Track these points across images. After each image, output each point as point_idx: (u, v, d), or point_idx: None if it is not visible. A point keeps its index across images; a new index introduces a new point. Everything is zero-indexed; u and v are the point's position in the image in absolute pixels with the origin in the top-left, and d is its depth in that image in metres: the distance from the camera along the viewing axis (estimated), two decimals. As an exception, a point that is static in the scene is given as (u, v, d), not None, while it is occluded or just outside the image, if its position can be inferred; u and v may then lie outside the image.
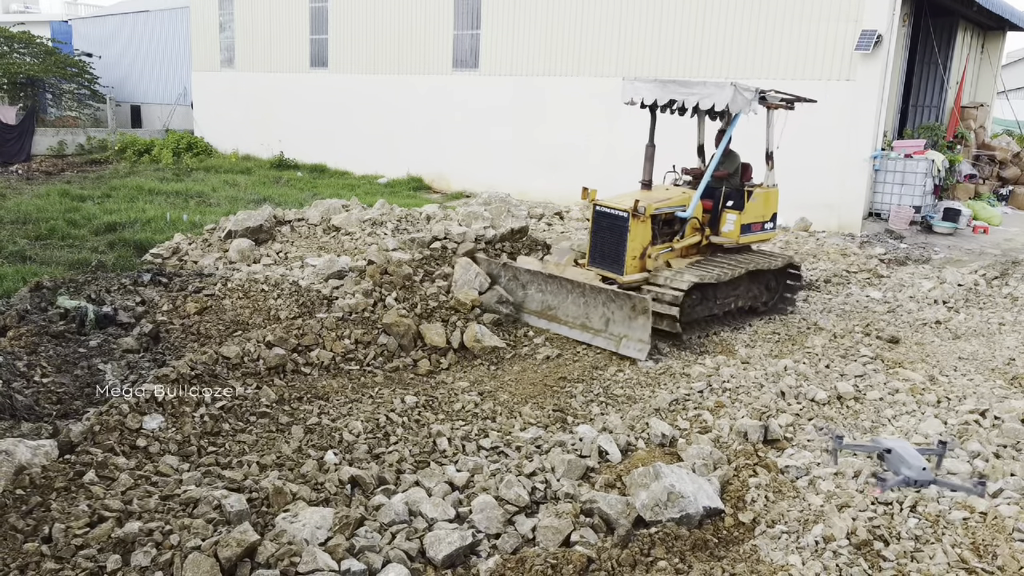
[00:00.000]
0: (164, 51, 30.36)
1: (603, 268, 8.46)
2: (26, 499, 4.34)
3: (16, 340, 7.10)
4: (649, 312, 7.32)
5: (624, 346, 7.48)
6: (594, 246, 8.56)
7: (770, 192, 9.14)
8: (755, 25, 14.35)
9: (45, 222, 12.53)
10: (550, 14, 17.06)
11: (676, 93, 8.52)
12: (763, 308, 9.13)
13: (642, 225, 8.21)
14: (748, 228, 8.91)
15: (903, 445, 4.32)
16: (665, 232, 8.64)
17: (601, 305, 7.74)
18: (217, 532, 4.05)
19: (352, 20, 21.17)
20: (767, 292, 9.16)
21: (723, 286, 8.43)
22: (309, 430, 5.66)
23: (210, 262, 10.37)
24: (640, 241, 8.25)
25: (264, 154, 23.49)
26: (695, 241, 8.84)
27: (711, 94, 8.26)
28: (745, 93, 8.21)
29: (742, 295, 8.79)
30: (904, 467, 4.16)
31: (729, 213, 8.91)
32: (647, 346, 7.36)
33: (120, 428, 5.24)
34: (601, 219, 8.49)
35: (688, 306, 8.09)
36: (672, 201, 8.55)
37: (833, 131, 13.74)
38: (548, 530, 4.38)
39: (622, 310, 7.54)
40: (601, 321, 7.73)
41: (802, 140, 13.95)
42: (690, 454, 5.30)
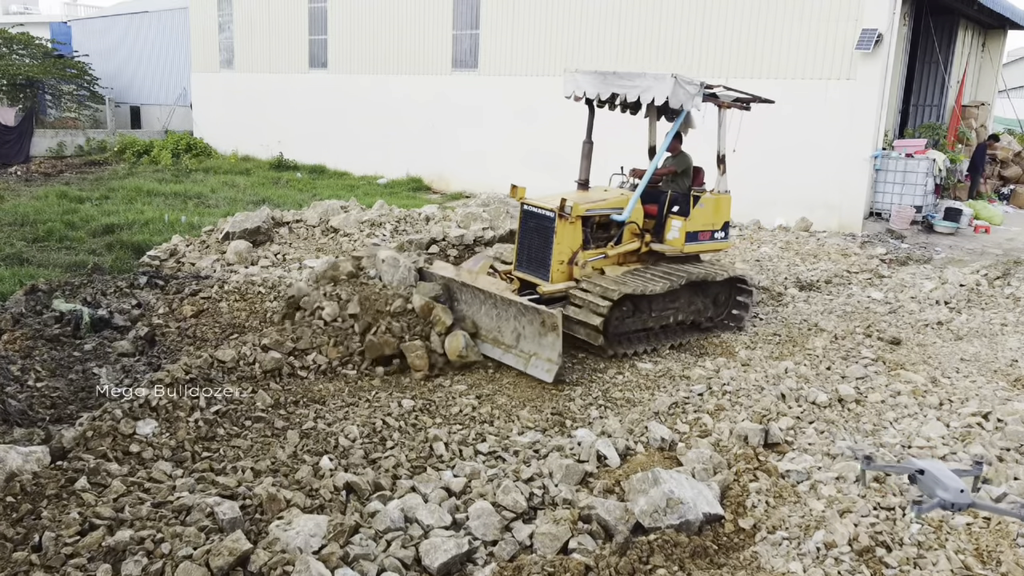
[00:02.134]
0: (163, 52, 30.33)
1: (529, 273, 7.84)
2: (16, 507, 4.29)
3: (10, 344, 7.04)
4: (559, 329, 6.62)
5: (532, 365, 6.80)
6: (521, 249, 7.95)
7: (721, 199, 8.48)
8: (755, 25, 14.29)
9: (43, 224, 12.49)
10: (549, 14, 17.00)
11: (617, 86, 7.98)
12: (708, 324, 8.41)
13: (570, 227, 7.59)
14: (695, 236, 8.26)
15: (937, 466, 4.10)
16: (600, 237, 8.03)
17: (512, 319, 7.05)
18: (209, 540, 3.99)
19: (351, 20, 21.11)
20: (713, 307, 8.43)
21: (658, 298, 7.70)
22: (305, 435, 5.60)
23: (208, 264, 10.32)
24: (568, 245, 7.63)
25: (263, 155, 23.44)
26: (634, 248, 8.18)
27: (651, 87, 7.71)
28: (688, 87, 7.63)
29: (682, 309, 8.04)
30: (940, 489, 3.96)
31: (674, 219, 8.27)
32: (555, 367, 6.64)
33: (113, 433, 5.18)
34: (528, 220, 7.86)
35: (617, 319, 7.49)
36: (607, 203, 7.95)
37: (834, 130, 13.69)
38: (546, 537, 4.32)
39: (532, 325, 6.85)
40: (512, 336, 7.04)
41: (802, 139, 13.92)
42: (690, 458, 5.24)
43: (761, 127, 14.20)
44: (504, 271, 8.17)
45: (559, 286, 7.58)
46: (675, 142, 8.50)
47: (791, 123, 14.02)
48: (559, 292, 7.58)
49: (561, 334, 6.65)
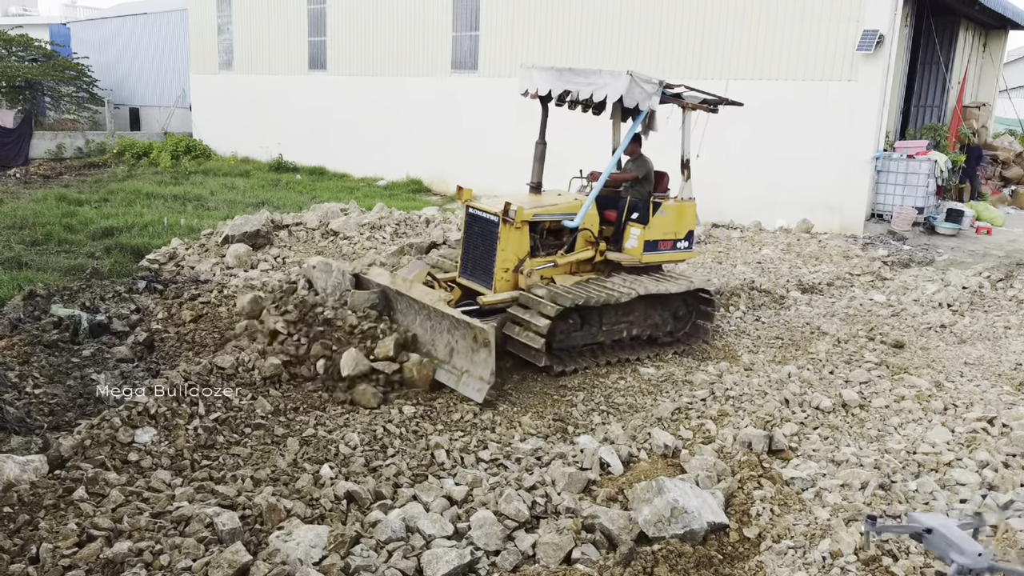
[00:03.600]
0: (162, 53, 30.28)
1: (473, 281, 7.44)
2: (14, 517, 4.24)
3: (8, 349, 6.99)
4: (491, 345, 6.12)
5: (464, 383, 6.34)
6: (465, 255, 7.57)
7: (685, 206, 8.02)
8: (756, 27, 14.24)
9: (41, 227, 12.44)
10: (549, 15, 16.95)
11: (572, 83, 7.64)
12: (667, 339, 7.90)
13: (516, 233, 7.16)
14: (655, 246, 7.83)
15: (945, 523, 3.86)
16: (551, 244, 7.64)
17: (445, 332, 6.58)
18: (209, 552, 3.95)
19: (351, 22, 21.07)
20: (674, 321, 7.92)
21: (610, 311, 7.28)
22: (305, 442, 5.56)
23: (207, 268, 10.27)
24: (514, 252, 7.21)
25: (263, 157, 23.39)
26: (587, 257, 7.74)
27: (606, 84, 7.34)
28: (645, 85, 7.26)
29: (637, 323, 7.57)
30: (954, 552, 3.74)
31: (633, 227, 7.85)
32: (486, 386, 6.17)
33: (112, 442, 5.14)
34: (473, 224, 7.46)
35: (563, 332, 7.06)
36: (559, 208, 7.56)
37: (835, 132, 13.64)
38: (549, 547, 4.28)
39: (465, 340, 6.38)
40: (445, 350, 6.59)
41: (803, 141, 13.88)
42: (693, 465, 5.20)
43: (761, 129, 14.20)
44: (445, 279, 7.64)
45: (502, 296, 7.14)
46: (634, 145, 8.12)
47: (792, 124, 13.99)
48: (502, 303, 7.11)
49: (494, 350, 6.15)
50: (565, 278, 7.48)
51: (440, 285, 7.45)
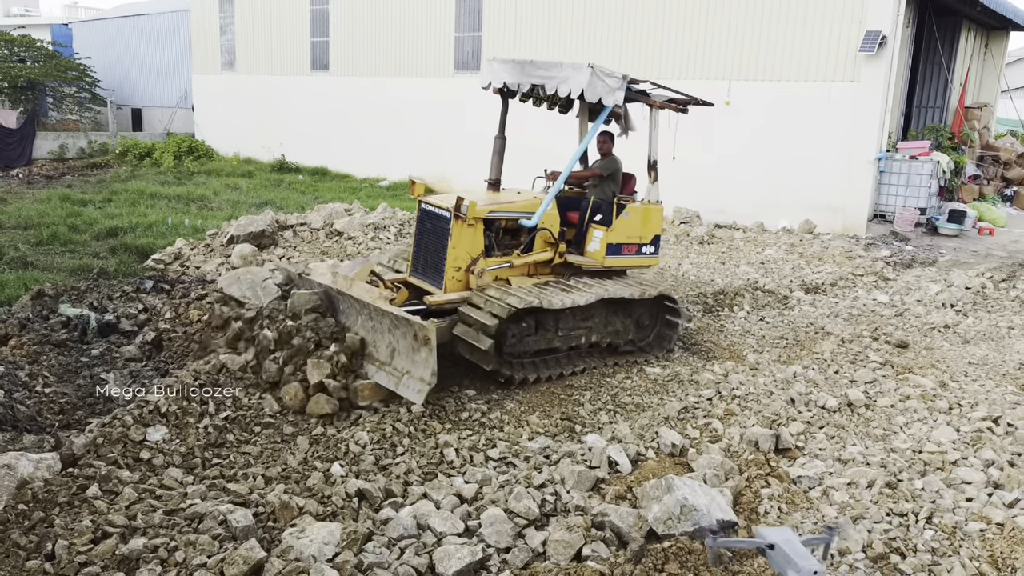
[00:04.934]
0: (164, 54, 30.33)
1: (423, 279, 7.16)
2: (28, 515, 4.28)
3: (18, 349, 7.03)
4: (432, 343, 5.84)
5: (403, 385, 6.02)
6: (417, 252, 7.29)
7: (651, 209, 7.71)
8: (758, 27, 14.29)
9: (46, 227, 12.47)
10: (552, 15, 17.00)
11: (534, 76, 7.38)
12: (629, 347, 7.61)
13: (469, 230, 6.86)
14: (617, 249, 7.55)
15: (788, 539, 3.74)
16: (508, 244, 7.36)
17: (387, 331, 6.27)
18: (223, 548, 3.98)
19: (353, 23, 21.11)
20: (636, 328, 7.63)
21: (567, 316, 6.96)
22: (314, 441, 5.59)
23: (213, 268, 10.30)
24: (466, 250, 6.90)
25: (265, 157, 23.43)
26: (546, 258, 7.45)
27: (568, 78, 7.07)
28: (607, 80, 6.98)
29: (596, 329, 7.26)
30: (791, 570, 3.59)
31: (596, 229, 7.56)
32: (427, 387, 5.86)
33: (123, 440, 5.17)
34: (425, 220, 7.19)
35: (515, 336, 6.71)
36: (515, 206, 7.28)
37: (837, 132, 13.69)
38: (559, 544, 4.31)
39: (405, 339, 6.08)
40: (387, 351, 6.25)
41: (805, 142, 13.92)
42: (701, 464, 5.23)
43: (764, 130, 14.25)
44: (392, 279, 7.30)
45: (451, 296, 6.83)
46: (607, 142, 7.88)
47: (794, 125, 14.04)
48: (451, 303, 6.80)
49: (435, 350, 5.85)
50: (521, 280, 7.21)
51: (385, 285, 7.07)
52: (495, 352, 6.47)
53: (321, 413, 5.96)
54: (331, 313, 6.78)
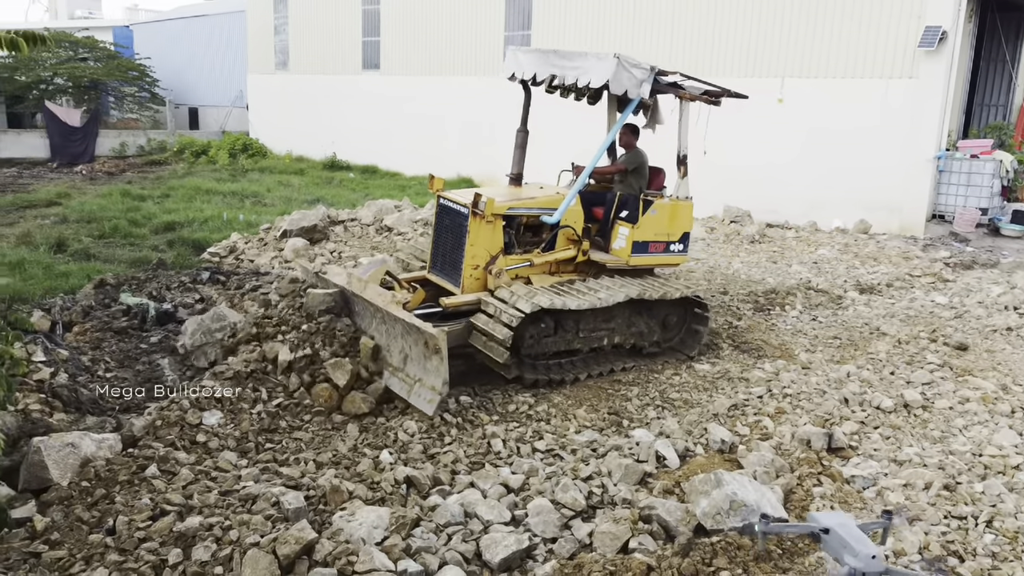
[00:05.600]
0: (221, 54, 31.02)
1: (442, 278, 6.96)
2: (91, 491, 4.43)
3: (81, 335, 7.28)
4: (443, 352, 5.59)
5: (415, 393, 5.83)
6: (436, 249, 7.09)
7: (680, 206, 7.42)
8: (812, 23, 14.02)
9: (108, 221, 12.88)
10: (601, 13, 16.93)
11: (557, 67, 7.14)
12: (654, 349, 7.36)
13: (487, 228, 6.62)
14: (644, 247, 7.28)
15: (844, 523, 3.62)
16: (529, 241, 7.14)
17: (399, 337, 6.05)
18: (275, 529, 4.07)
19: (404, 22, 21.32)
20: (662, 330, 7.37)
21: (589, 316, 6.72)
22: (364, 429, 5.67)
23: (266, 261, 10.51)
24: (485, 247, 6.67)
25: (317, 155, 23.80)
26: (568, 257, 7.20)
27: (591, 68, 6.81)
28: (634, 71, 6.71)
29: (619, 330, 7.01)
30: (848, 554, 3.47)
31: (621, 226, 7.30)
32: (438, 397, 5.64)
33: (180, 423, 5.32)
34: (443, 216, 6.96)
35: (534, 337, 6.50)
36: (537, 201, 7.04)
37: (895, 130, 13.35)
38: (606, 536, 4.30)
39: (417, 346, 5.85)
40: (400, 357, 6.07)
41: (861, 140, 13.62)
42: (751, 461, 5.16)
43: (818, 128, 13.98)
44: (408, 279, 7.11)
45: (467, 298, 6.57)
46: (629, 135, 7.67)
47: (849, 123, 13.74)
48: (467, 305, 6.53)
49: (447, 359, 5.62)
50: (542, 278, 6.97)
51: (401, 285, 6.88)
52: (514, 358, 6.30)
53: (357, 412, 5.86)
54: (347, 314, 6.66)
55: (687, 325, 7.53)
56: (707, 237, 13.27)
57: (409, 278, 7.16)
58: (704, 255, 11.88)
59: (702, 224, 14.14)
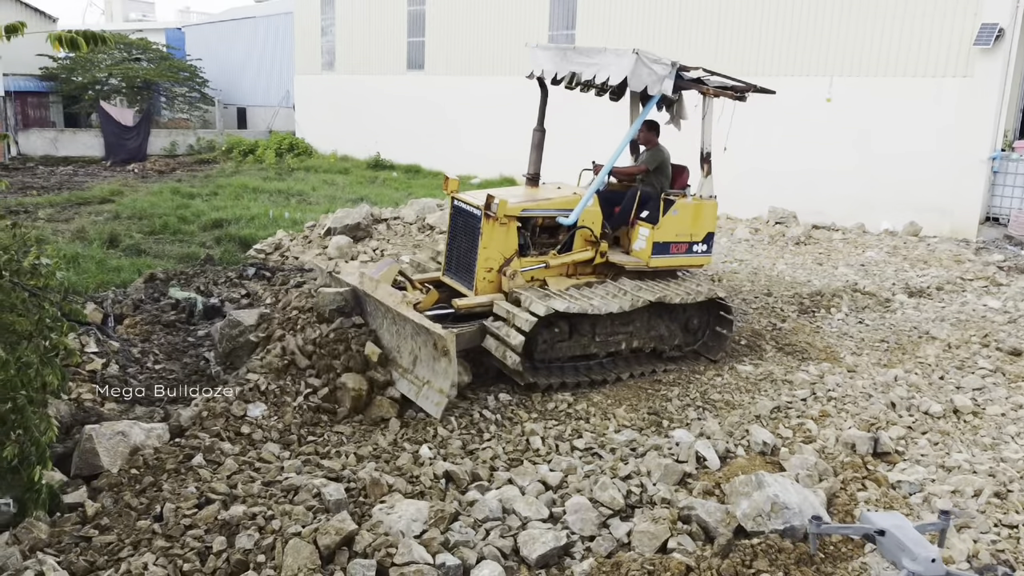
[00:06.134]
0: (269, 55, 31.58)
1: (456, 280, 6.87)
2: (140, 479, 4.55)
3: (132, 328, 7.47)
4: (452, 354, 5.50)
5: (423, 395, 5.74)
6: (450, 251, 7.00)
7: (703, 205, 7.19)
8: (863, 21, 13.74)
9: (158, 218, 13.21)
10: (646, 14, 16.82)
11: (575, 63, 6.96)
12: (676, 353, 7.17)
13: (501, 229, 6.50)
14: (665, 248, 7.08)
15: (900, 524, 3.47)
16: (546, 243, 6.99)
17: (409, 338, 5.96)
18: (316, 519, 4.13)
19: (448, 23, 21.45)
20: (684, 333, 7.17)
21: (605, 320, 6.51)
22: (404, 424, 5.72)
23: (310, 258, 10.67)
24: (498, 249, 6.55)
25: (361, 154, 24.07)
26: (586, 258, 7.02)
27: (610, 64, 6.63)
28: (654, 66, 6.50)
29: (638, 334, 6.81)
30: (906, 557, 3.32)
31: (642, 227, 7.10)
32: (445, 399, 5.56)
33: (226, 415, 5.43)
34: (457, 217, 6.87)
35: (548, 341, 6.35)
36: (553, 202, 6.89)
37: (947, 130, 13.01)
38: (644, 535, 4.27)
39: (426, 347, 5.76)
40: (409, 358, 5.97)
41: (913, 139, 13.31)
42: (793, 464, 5.08)
43: (867, 127, 13.69)
44: (421, 279, 7.06)
45: (480, 300, 6.50)
46: (649, 133, 7.46)
47: (900, 123, 13.43)
48: (480, 307, 6.46)
49: (455, 360, 5.55)
50: (559, 281, 6.81)
51: (414, 286, 6.81)
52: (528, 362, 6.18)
53: (385, 417, 5.76)
54: (358, 313, 6.56)
55: (710, 328, 7.33)
56: (751, 238, 13.10)
57: (423, 279, 7.11)
58: (748, 256, 11.73)
59: (746, 225, 13.96)
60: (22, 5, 31.76)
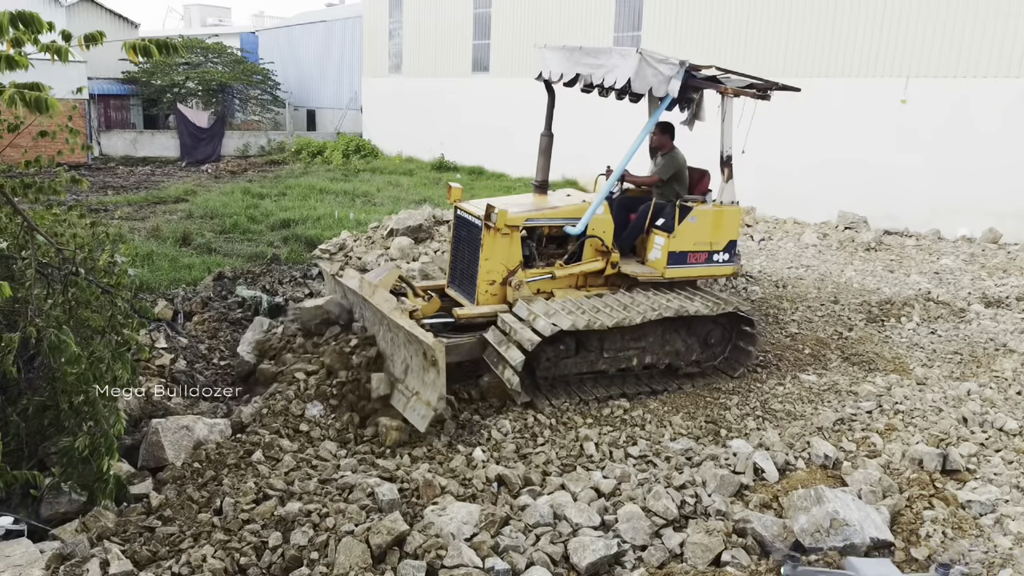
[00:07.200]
0: (338, 59, 32.24)
1: (458, 291, 6.69)
2: (202, 472, 4.69)
3: (200, 324, 7.72)
4: (441, 366, 5.20)
5: (410, 407, 5.45)
6: (454, 261, 6.81)
7: (724, 211, 6.85)
8: (942, 18, 13.22)
9: (229, 217, 13.62)
10: (713, 13, 16.55)
11: (581, 64, 6.69)
12: (693, 369, 6.79)
13: (503, 239, 6.28)
14: (682, 258, 6.74)
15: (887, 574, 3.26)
16: (554, 253, 6.75)
17: (402, 346, 5.71)
18: (369, 519, 4.18)
19: (514, 25, 21.53)
20: (702, 348, 6.78)
21: (614, 335, 6.20)
22: (460, 426, 5.76)
23: (373, 258, 10.83)
24: (500, 260, 6.34)
25: (425, 156, 24.35)
26: (597, 269, 6.74)
27: (615, 66, 6.35)
28: (660, 66, 6.22)
29: (652, 350, 6.46)
30: None
31: (657, 235, 6.78)
32: (431, 413, 5.26)
33: (285, 413, 5.55)
34: (460, 228, 6.67)
35: (553, 358, 6.08)
36: (559, 211, 6.63)
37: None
38: (697, 547, 4.20)
39: (417, 357, 5.50)
40: (402, 367, 5.73)
41: (995, 143, 12.75)
42: (856, 479, 4.92)
43: (944, 129, 13.17)
44: (423, 286, 6.91)
45: (482, 310, 6.30)
46: (663, 136, 7.18)
47: (980, 125, 12.88)
48: (481, 317, 6.27)
49: (444, 372, 5.23)
50: (568, 293, 6.56)
51: (416, 293, 6.65)
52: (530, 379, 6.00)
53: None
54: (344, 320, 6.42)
55: (732, 343, 6.95)
56: (819, 243, 12.76)
57: (425, 286, 6.95)
58: (815, 262, 11.43)
59: (814, 230, 13.61)
60: (106, 12, 33.20)
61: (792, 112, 14.71)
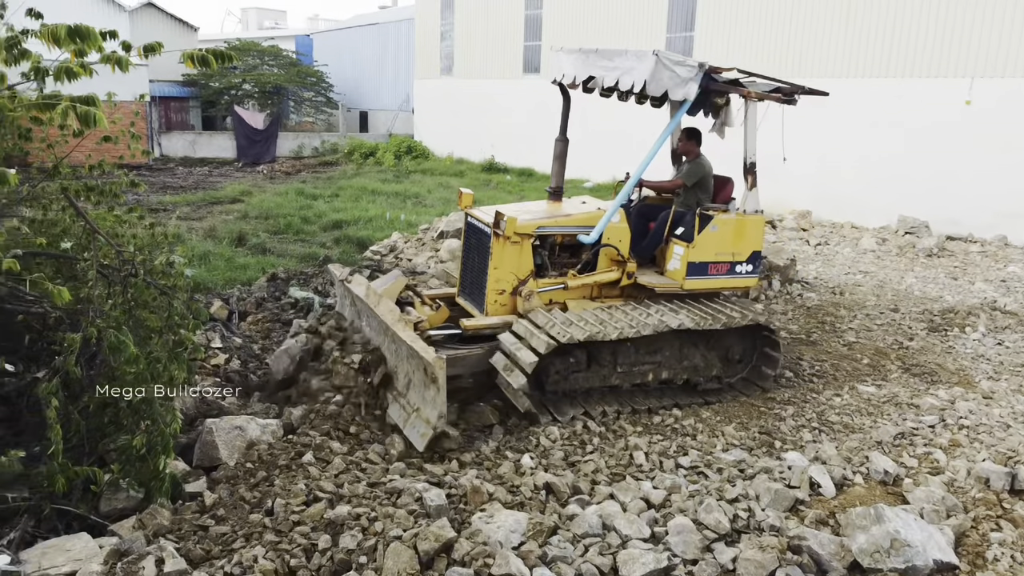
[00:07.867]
0: (391, 61, 32.59)
1: (468, 301, 6.53)
2: (254, 472, 4.75)
3: (254, 325, 7.84)
4: (441, 383, 5.03)
5: (410, 424, 5.32)
6: (464, 270, 6.64)
7: (747, 221, 6.56)
8: (1010, 16, 12.75)
9: (283, 218, 13.84)
10: (769, 12, 16.24)
11: (596, 67, 6.47)
12: (713, 384, 6.52)
13: (513, 248, 6.09)
14: (702, 269, 6.48)
15: None
16: (567, 263, 6.52)
17: (405, 360, 5.56)
18: (417, 524, 4.18)
19: (566, 26, 21.46)
20: (723, 363, 6.52)
21: (627, 349, 5.98)
22: (508, 431, 5.73)
23: (423, 260, 10.89)
24: (510, 270, 6.14)
25: (476, 157, 24.44)
26: (612, 279, 6.51)
27: (631, 68, 6.11)
28: (677, 69, 5.96)
29: (668, 364, 6.23)
30: None
31: (676, 245, 6.55)
32: (431, 431, 5.11)
33: (335, 415, 5.59)
34: (470, 235, 6.50)
35: (563, 372, 5.87)
36: (572, 219, 6.41)
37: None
38: (750, 563, 4.09)
39: (418, 371, 5.34)
40: (404, 381, 5.59)
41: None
42: (917, 497, 4.75)
43: (1010, 132, 12.69)
44: (432, 295, 6.77)
45: (490, 321, 6.11)
46: (689, 143, 7.02)
47: None
48: (489, 328, 6.06)
49: (444, 389, 5.05)
50: (582, 303, 6.33)
51: (424, 302, 6.51)
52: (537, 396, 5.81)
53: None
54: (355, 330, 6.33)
55: (756, 358, 6.68)
56: (878, 249, 12.41)
57: (434, 294, 6.80)
58: (874, 268, 11.12)
59: (873, 235, 13.25)
60: (168, 17, 34.11)
61: (852, 114, 14.35)
